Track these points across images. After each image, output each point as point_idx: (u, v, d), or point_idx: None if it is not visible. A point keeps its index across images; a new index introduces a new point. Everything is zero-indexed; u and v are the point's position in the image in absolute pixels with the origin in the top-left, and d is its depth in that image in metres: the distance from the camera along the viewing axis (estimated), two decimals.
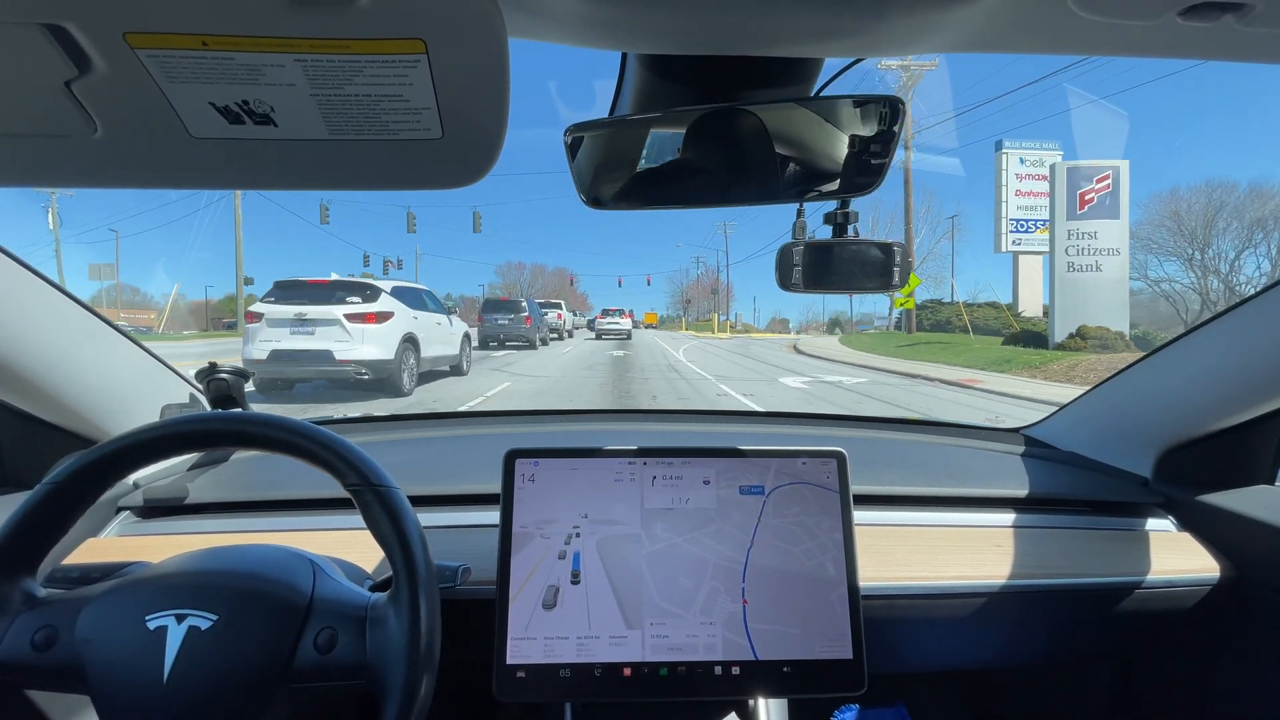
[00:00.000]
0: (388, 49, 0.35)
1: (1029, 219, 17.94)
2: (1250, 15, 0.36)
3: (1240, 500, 0.87)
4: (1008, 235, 18.16)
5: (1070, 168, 13.49)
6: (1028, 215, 17.96)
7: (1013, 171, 18.05)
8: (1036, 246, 17.69)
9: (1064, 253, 13.18)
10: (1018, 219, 18.06)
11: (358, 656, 0.54)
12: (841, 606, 0.69)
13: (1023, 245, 18.31)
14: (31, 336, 0.77)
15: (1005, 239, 18.23)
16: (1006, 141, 18.22)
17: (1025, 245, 18.28)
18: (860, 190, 0.65)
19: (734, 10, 0.41)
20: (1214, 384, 0.85)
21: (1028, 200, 17.93)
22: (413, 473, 0.96)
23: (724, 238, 51.49)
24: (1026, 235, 18.07)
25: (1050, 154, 17.49)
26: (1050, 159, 16.63)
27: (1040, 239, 16.98)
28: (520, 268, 67.69)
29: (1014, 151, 18.09)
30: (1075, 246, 13.16)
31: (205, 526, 0.88)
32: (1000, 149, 18.18)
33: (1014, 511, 0.94)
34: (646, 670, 0.67)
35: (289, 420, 0.59)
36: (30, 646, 0.53)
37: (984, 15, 0.41)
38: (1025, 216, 18.02)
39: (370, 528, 0.57)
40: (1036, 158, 17.97)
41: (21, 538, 0.55)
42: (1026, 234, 18.05)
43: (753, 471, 0.73)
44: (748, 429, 1.33)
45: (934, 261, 32.73)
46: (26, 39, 0.33)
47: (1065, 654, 0.95)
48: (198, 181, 0.47)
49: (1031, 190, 17.80)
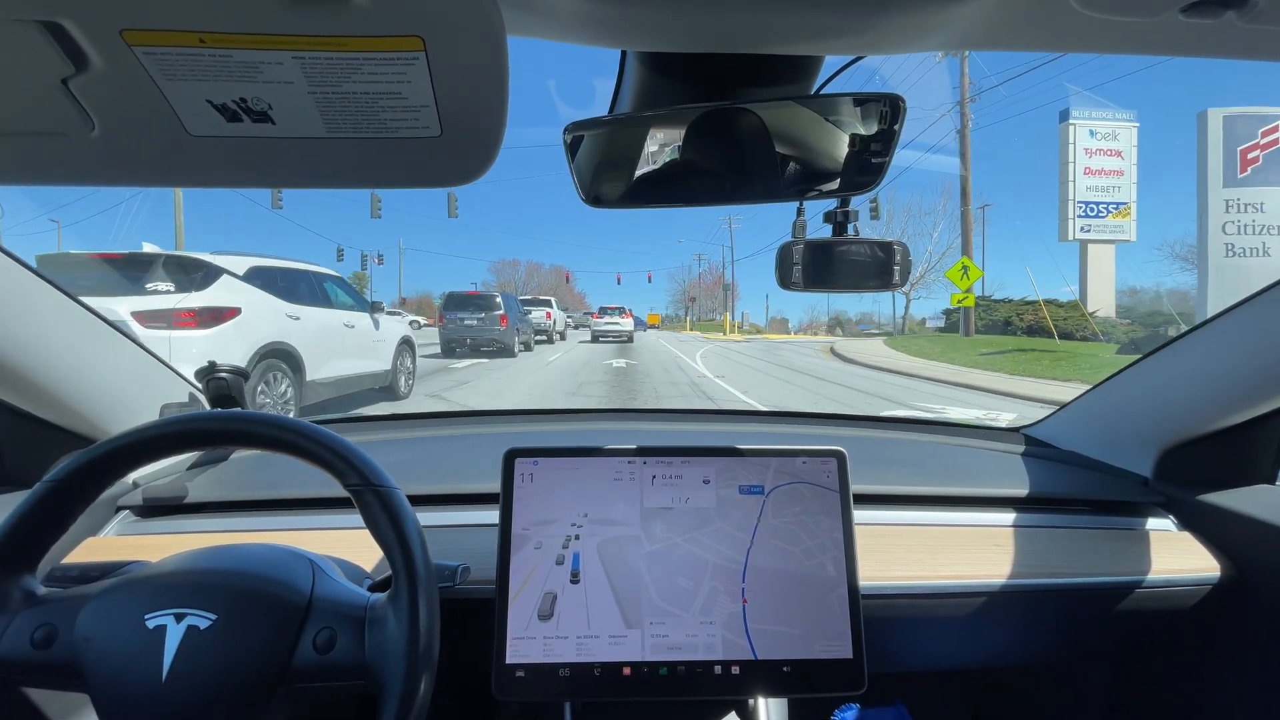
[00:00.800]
0: (386, 46, 0.35)
1: (1101, 201, 14.80)
2: (1253, 12, 0.36)
3: (1241, 500, 0.87)
4: (1075, 220, 14.85)
5: (1227, 116, 10.42)
6: (1099, 197, 14.81)
7: (1081, 146, 14.75)
8: (1109, 234, 15.01)
9: (1220, 231, 10.20)
10: (1087, 201, 14.83)
11: (356, 656, 0.54)
12: (841, 606, 0.69)
13: (1093, 232, 15.04)
14: (31, 336, 0.77)
15: (1072, 225, 14.90)
16: (1074, 110, 14.96)
17: (1096, 232, 15.03)
18: (860, 189, 0.65)
19: (734, 8, 0.41)
20: (1214, 383, 0.85)
21: (1099, 180, 14.81)
22: (412, 472, 0.96)
23: (729, 233, 49.42)
24: (1097, 220, 14.89)
25: (1125, 125, 14.83)
26: (1125, 131, 14.54)
27: (1114, 224, 14.72)
28: (515, 265, 66.82)
29: (1083, 123, 14.78)
30: (1236, 223, 10.10)
31: (204, 526, 0.88)
32: (1066, 120, 14.89)
33: (1014, 511, 0.94)
34: (646, 670, 0.67)
35: (289, 420, 0.59)
36: (30, 644, 0.53)
37: (985, 13, 0.40)
38: (1096, 199, 14.82)
39: (370, 528, 0.57)
40: (1109, 129, 14.77)
41: (21, 536, 0.55)
42: (1097, 219, 14.88)
43: (752, 471, 0.73)
44: (748, 428, 1.33)
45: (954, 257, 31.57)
46: (23, 36, 0.33)
47: (1065, 653, 0.95)
48: (195, 180, 0.47)
49: (1103, 168, 14.79)
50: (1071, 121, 14.87)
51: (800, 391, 9.24)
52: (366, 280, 55.42)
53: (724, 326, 38.38)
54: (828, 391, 9.17)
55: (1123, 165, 14.94)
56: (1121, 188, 14.83)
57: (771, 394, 8.81)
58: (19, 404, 0.83)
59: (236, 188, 0.53)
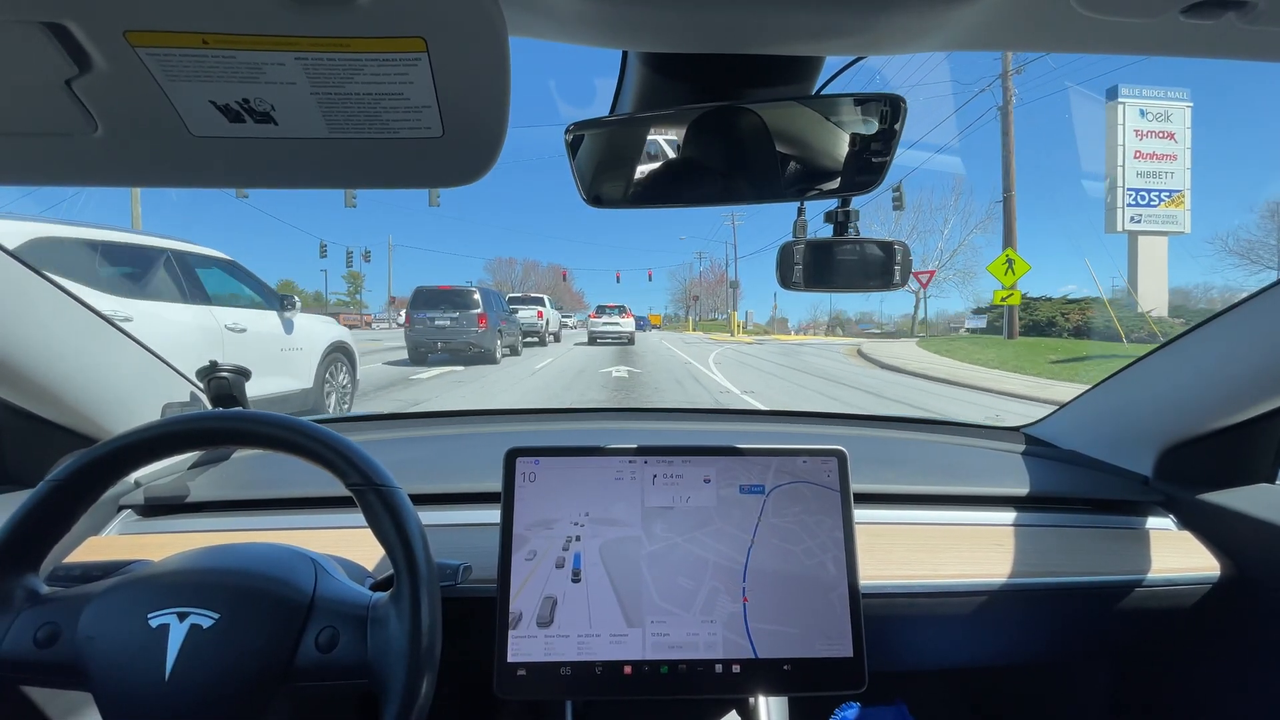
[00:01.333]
0: (388, 47, 0.35)
1: (1152, 189, 13.27)
2: (1253, 13, 0.36)
3: (1241, 499, 0.87)
4: (1124, 210, 13.30)
5: None
6: (1150, 184, 13.25)
7: (1131, 127, 13.32)
8: (1162, 224, 13.37)
9: None
10: (1137, 189, 13.30)
11: (359, 656, 0.54)
12: (842, 605, 0.69)
13: (1144, 222, 13.44)
14: (33, 335, 0.77)
15: (1121, 214, 13.34)
16: (1123, 88, 13.52)
17: (1148, 223, 13.44)
18: (861, 189, 0.65)
19: (734, 8, 0.41)
20: (1215, 382, 0.85)
21: (1150, 164, 13.30)
22: (414, 471, 0.96)
23: (732, 230, 46.10)
24: (1149, 209, 13.36)
25: (1178, 105, 13.37)
26: (1178, 111, 12.99)
27: (1166, 214, 13.05)
28: (511, 263, 66.27)
29: (1133, 102, 13.32)
30: None
31: (206, 525, 0.88)
32: (1115, 98, 13.49)
33: (1014, 510, 0.94)
34: (647, 669, 0.67)
35: (291, 419, 0.59)
36: (33, 643, 0.53)
37: (985, 13, 0.40)
38: (1147, 185, 13.26)
39: (372, 527, 0.57)
40: (1161, 109, 13.29)
41: (24, 535, 0.55)
42: (1149, 207, 13.36)
43: (753, 470, 0.73)
44: (748, 427, 1.33)
45: (965, 255, 30.22)
46: (27, 37, 0.33)
47: (1065, 652, 0.95)
48: (198, 180, 0.47)
49: (1155, 151, 13.27)
50: (1120, 100, 13.35)
51: (799, 390, 8.14)
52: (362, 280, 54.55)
53: (731, 326, 35.30)
54: (826, 389, 8.06)
55: (1175, 149, 13.34)
56: (1174, 173, 13.22)
57: (780, 396, 7.75)
58: (21, 403, 0.83)
59: (239, 188, 0.53)
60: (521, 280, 61.59)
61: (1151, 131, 13.48)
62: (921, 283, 23.08)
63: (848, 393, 8.79)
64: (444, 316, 10.49)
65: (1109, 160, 13.59)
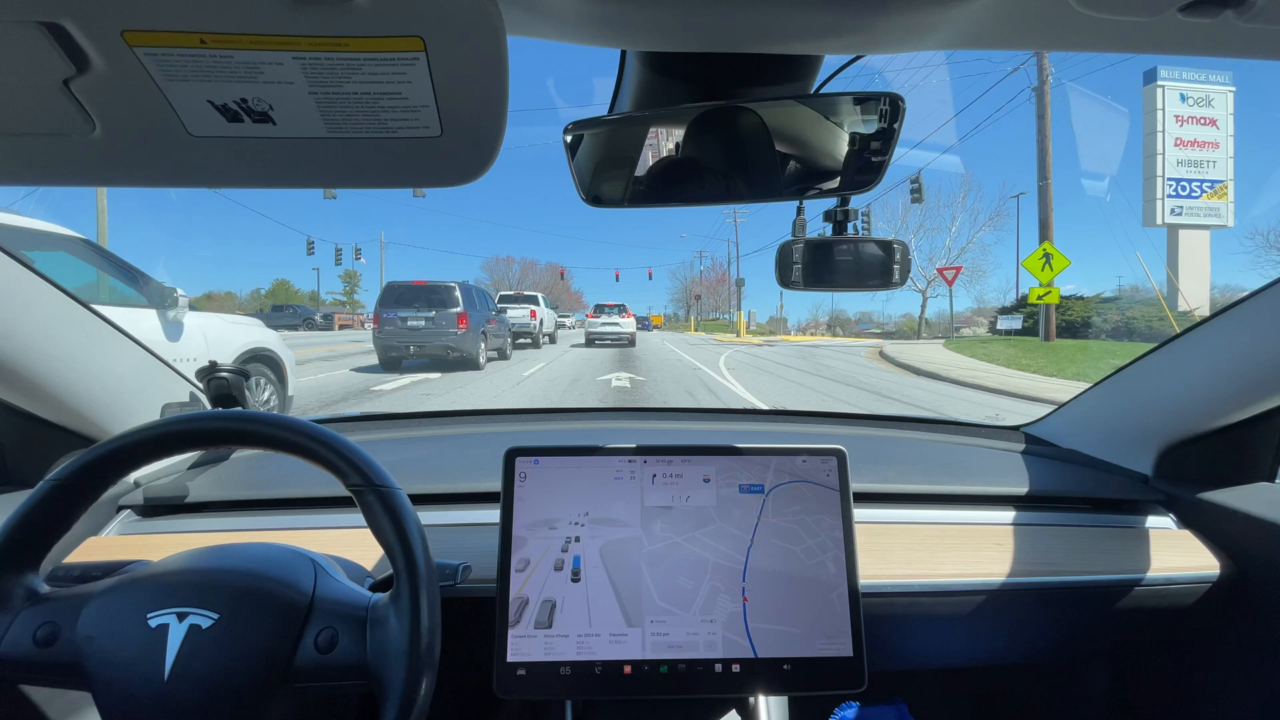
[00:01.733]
0: (386, 47, 0.35)
1: (1194, 179, 12.13)
2: (1251, 11, 0.36)
3: (1240, 498, 0.87)
4: (1164, 202, 12.11)
5: None
6: (1192, 174, 12.12)
7: (1171, 113, 12.21)
8: (1204, 218, 12.18)
9: None
10: (1178, 179, 12.18)
11: (358, 657, 0.54)
12: (841, 604, 0.69)
13: (1185, 215, 12.26)
14: (33, 336, 0.77)
15: (1161, 207, 12.14)
16: (1163, 70, 12.42)
17: (1189, 215, 12.24)
18: (860, 188, 0.65)
19: (733, 7, 0.41)
20: (1214, 381, 0.85)
21: (1192, 152, 12.18)
22: (413, 471, 0.96)
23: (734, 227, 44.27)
24: (1190, 201, 12.19)
25: (1220, 90, 12.25)
26: (1220, 96, 11.93)
27: (1208, 206, 11.90)
28: (509, 262, 65.28)
29: (1173, 85, 12.18)
30: None
31: (206, 525, 0.88)
32: (1154, 81, 12.40)
33: (1014, 509, 0.94)
34: (647, 668, 0.67)
35: (291, 419, 0.59)
36: (33, 642, 0.53)
37: (984, 12, 0.40)
38: (1189, 175, 12.13)
39: (372, 528, 0.57)
40: (1202, 94, 12.18)
41: (24, 534, 0.55)
42: (1190, 199, 12.20)
43: (753, 470, 0.73)
44: (748, 427, 1.33)
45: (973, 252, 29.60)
46: (24, 37, 0.33)
47: (1065, 651, 0.95)
48: (196, 180, 0.47)
49: (1197, 139, 12.17)
50: (1160, 83, 12.19)
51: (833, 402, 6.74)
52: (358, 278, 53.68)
53: (738, 327, 32.48)
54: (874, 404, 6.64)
55: (1218, 136, 12.38)
56: (1217, 163, 12.23)
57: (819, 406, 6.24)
58: (20, 404, 0.83)
59: (237, 188, 0.53)
60: (519, 279, 61.09)
61: (1193, 117, 12.38)
62: (947, 279, 22.23)
63: (859, 392, 7.74)
64: (417, 316, 9.00)
65: (1147, 147, 12.44)
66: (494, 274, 63.82)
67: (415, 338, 8.98)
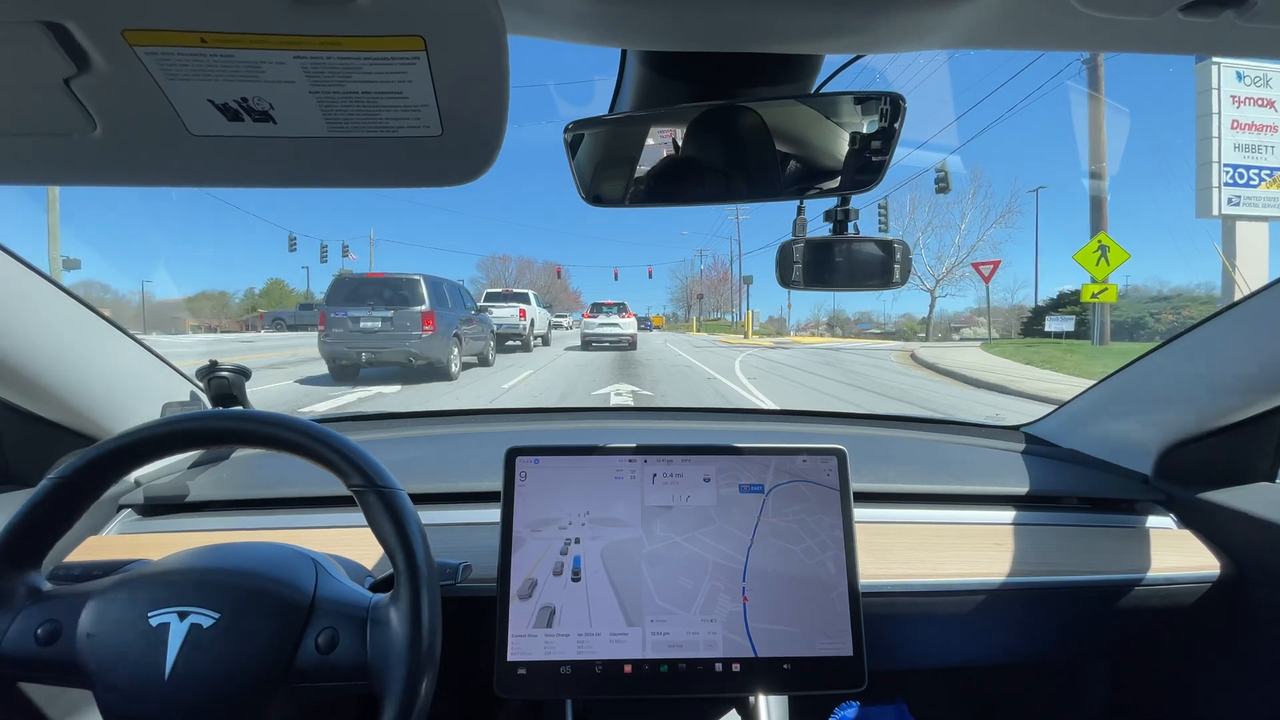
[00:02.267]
0: (387, 46, 0.35)
1: (1253, 165, 10.80)
2: (1251, 11, 0.36)
3: (1240, 498, 0.87)
4: (1220, 190, 10.76)
5: None
6: (1250, 160, 10.78)
7: (1227, 93, 10.77)
8: (1264, 208, 10.87)
9: None
10: (1235, 165, 10.80)
11: (359, 657, 0.54)
12: (842, 604, 0.69)
13: (1243, 205, 10.86)
14: (34, 335, 0.77)
15: (1217, 196, 10.80)
16: None
17: (1248, 206, 10.85)
18: (860, 187, 0.65)
19: (734, 7, 0.41)
20: (1215, 381, 0.85)
21: (1250, 136, 10.82)
22: (414, 470, 0.96)
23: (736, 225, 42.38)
24: (1248, 190, 10.83)
25: (1278, 69, 10.59)
26: (1277, 75, 10.54)
27: (1268, 196, 10.66)
28: (506, 260, 63.82)
29: (1228, 62, 10.64)
30: None
31: (206, 524, 0.89)
32: (1206, 59, 10.67)
33: (1014, 509, 0.94)
34: (647, 667, 0.67)
35: (292, 419, 0.59)
36: (34, 640, 0.53)
37: (984, 12, 0.40)
38: (1247, 162, 10.79)
39: (372, 528, 0.57)
40: (1260, 73, 10.79)
41: (26, 533, 0.55)
42: (1248, 187, 10.84)
43: (753, 469, 0.73)
44: (748, 426, 1.33)
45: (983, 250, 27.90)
46: (25, 37, 0.33)
47: (1065, 651, 0.95)
48: (197, 179, 0.47)
49: (1255, 121, 10.77)
50: (1215, 61, 10.69)
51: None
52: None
53: (745, 327, 30.16)
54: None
55: (1277, 119, 11.15)
56: (1276, 148, 11.10)
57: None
58: (21, 403, 0.83)
59: (237, 187, 0.53)
60: (516, 278, 59.84)
61: (1250, 98, 10.86)
62: (984, 275, 21.52)
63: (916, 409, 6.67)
64: (372, 316, 7.24)
65: (1200, 131, 10.97)
66: (490, 272, 63.02)
67: (369, 343, 7.26)
